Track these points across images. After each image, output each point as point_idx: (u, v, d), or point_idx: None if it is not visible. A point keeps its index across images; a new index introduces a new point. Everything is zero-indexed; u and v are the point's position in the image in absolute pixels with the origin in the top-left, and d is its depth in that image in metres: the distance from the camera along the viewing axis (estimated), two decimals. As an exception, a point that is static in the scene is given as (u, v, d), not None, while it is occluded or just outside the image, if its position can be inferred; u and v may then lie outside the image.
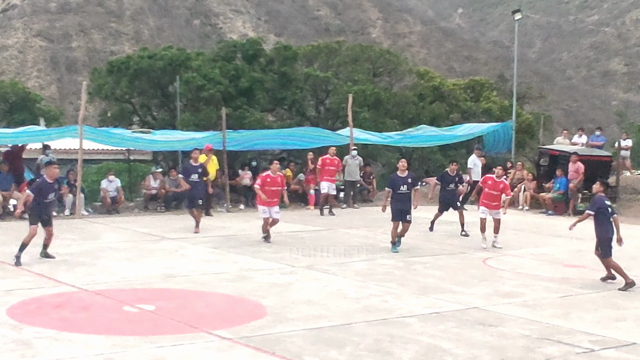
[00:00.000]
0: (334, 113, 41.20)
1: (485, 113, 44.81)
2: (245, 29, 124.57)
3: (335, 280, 16.16)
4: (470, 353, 11.18)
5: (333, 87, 41.44)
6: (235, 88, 37.54)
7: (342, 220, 26.56)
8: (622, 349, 11.65)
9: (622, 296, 15.38)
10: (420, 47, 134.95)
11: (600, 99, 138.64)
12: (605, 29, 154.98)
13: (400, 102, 43.05)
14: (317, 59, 44.79)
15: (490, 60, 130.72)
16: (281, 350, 11.06)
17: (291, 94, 39.40)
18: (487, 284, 16.04)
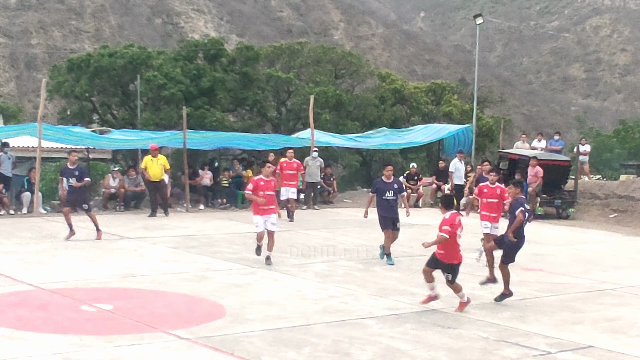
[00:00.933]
0: (295, 114, 41.20)
1: (446, 116, 45.02)
2: (207, 28, 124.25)
3: (294, 281, 16.16)
4: (428, 354, 11.24)
5: (295, 88, 41.48)
6: (196, 88, 37.43)
7: (302, 221, 26.56)
8: (578, 351, 11.77)
9: (579, 300, 15.52)
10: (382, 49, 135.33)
11: (560, 104, 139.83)
12: (566, 35, 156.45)
13: (362, 104, 43.14)
14: (279, 60, 44.78)
15: (451, 64, 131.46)
16: (240, 350, 11.04)
17: (253, 94, 39.34)
18: (444, 286, 16.08)
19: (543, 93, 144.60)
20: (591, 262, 19.78)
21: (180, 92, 36.41)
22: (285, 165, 27.04)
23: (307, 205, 30.69)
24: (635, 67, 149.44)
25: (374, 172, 44.02)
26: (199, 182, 30.36)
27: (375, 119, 42.27)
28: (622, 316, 14.24)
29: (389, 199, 18.66)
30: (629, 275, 18.32)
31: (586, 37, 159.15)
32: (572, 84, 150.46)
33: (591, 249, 22.35)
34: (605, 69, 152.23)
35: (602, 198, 31.27)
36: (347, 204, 32.82)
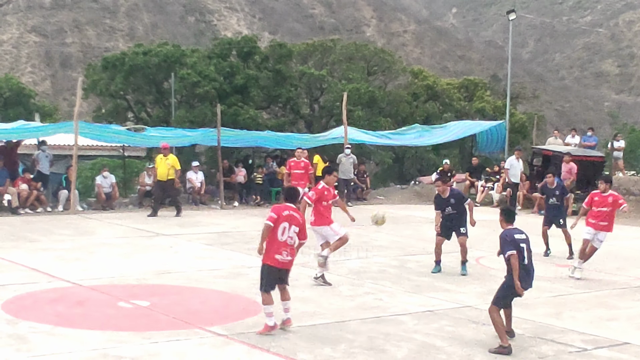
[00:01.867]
0: (328, 111, 41.25)
1: (479, 112, 44.90)
2: (239, 26, 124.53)
3: (329, 277, 16.15)
4: (463, 351, 11.23)
5: (327, 85, 41.50)
6: (229, 85, 37.57)
7: (336, 218, 26.52)
8: (614, 348, 11.70)
9: (614, 296, 15.43)
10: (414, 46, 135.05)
11: (593, 100, 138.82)
12: (599, 30, 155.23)
13: (394, 100, 43.11)
14: (311, 57, 44.84)
15: (483, 60, 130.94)
16: (275, 347, 11.08)
17: (285, 91, 39.43)
18: (480, 282, 16.07)
19: (576, 89, 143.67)
20: (626, 259, 19.63)
21: (213, 90, 36.56)
22: (293, 165, 26.67)
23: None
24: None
25: (406, 168, 44.01)
26: (234, 180, 30.44)
27: (407, 116, 42.24)
28: (658, 313, 14.16)
29: (449, 214, 17.20)
30: (664, 272, 18.20)
31: (619, 32, 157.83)
32: (605, 80, 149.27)
33: (626, 246, 22.17)
34: (638, 64, 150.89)
35: (637, 194, 31.01)
36: (380, 201, 32.79)
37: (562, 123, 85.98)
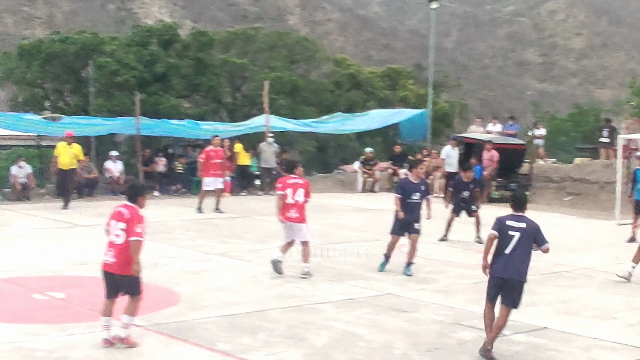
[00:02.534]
0: (250, 100, 41.12)
1: (402, 101, 45.21)
2: (161, 14, 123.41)
3: (250, 267, 16.16)
4: (384, 338, 11.30)
5: (250, 74, 41.37)
6: (150, 74, 37.19)
7: (258, 207, 26.53)
8: (533, 333, 11.90)
9: (534, 282, 15.58)
10: (338, 35, 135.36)
11: (516, 89, 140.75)
12: (521, 19, 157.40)
13: (317, 89, 43.20)
14: (233, 46, 44.63)
15: (407, 49, 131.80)
16: (194, 337, 11.04)
17: (207, 80, 39.18)
18: (398, 270, 16.17)
19: (499, 77, 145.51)
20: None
21: (133, 78, 36.17)
22: (213, 154, 24.75)
23: (264, 191, 30.66)
24: (590, 51, 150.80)
25: (330, 157, 44.12)
26: (154, 169, 30.21)
27: (331, 104, 42.33)
28: (576, 298, 14.41)
29: (415, 202, 16.10)
30: (583, 258, 18.53)
31: (542, 21, 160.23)
32: (527, 69, 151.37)
33: (546, 232, 22.40)
34: (560, 54, 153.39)
35: (557, 181, 31.54)
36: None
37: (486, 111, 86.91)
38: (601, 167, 31.42)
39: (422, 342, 11.22)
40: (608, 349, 11.20)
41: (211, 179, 24.43)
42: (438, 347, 11.02)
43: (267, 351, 10.57)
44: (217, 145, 25.06)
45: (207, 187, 24.49)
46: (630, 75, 63.39)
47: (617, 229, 23.99)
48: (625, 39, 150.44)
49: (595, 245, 20.76)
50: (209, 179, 24.40)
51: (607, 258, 18.71)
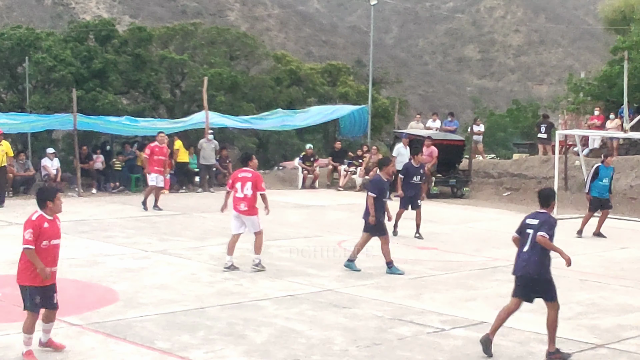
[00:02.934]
0: (189, 96, 40.87)
1: (342, 97, 45.27)
2: (99, 9, 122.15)
3: (189, 264, 16.10)
4: (323, 335, 11.33)
5: (189, 70, 41.09)
6: (87, 70, 36.75)
7: (198, 204, 26.44)
8: (471, 327, 12.00)
9: (472, 277, 15.82)
10: (279, 31, 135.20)
11: (456, 85, 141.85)
12: (460, 16, 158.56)
13: (257, 85, 43.05)
14: (172, 41, 44.30)
15: (348, 45, 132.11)
16: (132, 335, 10.97)
17: (146, 76, 38.84)
18: (341, 266, 16.22)
19: (439, 74, 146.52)
20: (485, 240, 20.15)
21: (70, 75, 35.70)
22: (157, 150, 24.62)
23: (203, 188, 30.54)
24: (528, 47, 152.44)
25: (270, 153, 44.07)
26: (91, 166, 29.93)
27: (271, 101, 42.24)
28: (514, 292, 14.55)
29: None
30: (521, 252, 18.73)
31: (480, 18, 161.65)
32: (467, 65, 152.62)
33: (485, 227, 22.78)
34: (499, 50, 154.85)
35: (496, 177, 31.88)
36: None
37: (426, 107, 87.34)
38: (539, 162, 31.82)
39: (362, 338, 11.26)
40: (545, 342, 11.31)
41: (155, 175, 24.40)
42: (377, 343, 11.07)
43: (206, 349, 10.54)
44: (161, 142, 25.01)
45: (152, 182, 24.45)
46: (568, 71, 64.20)
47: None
48: (562, 35, 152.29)
49: (533, 239, 20.98)
50: (154, 174, 24.39)
51: (545, 252, 18.93)
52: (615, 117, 31.12)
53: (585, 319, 12.77)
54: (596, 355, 10.87)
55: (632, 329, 12.20)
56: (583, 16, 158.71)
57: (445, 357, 10.56)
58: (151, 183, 24.62)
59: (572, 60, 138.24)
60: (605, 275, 16.28)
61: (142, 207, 24.07)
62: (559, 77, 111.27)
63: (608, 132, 30.51)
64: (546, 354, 10.71)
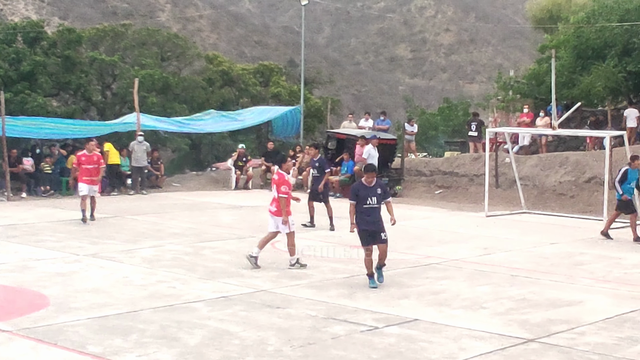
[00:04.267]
0: (121, 98, 40.53)
1: (275, 98, 45.26)
2: (27, 11, 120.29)
3: (121, 267, 15.95)
4: (257, 335, 11.30)
5: (120, 72, 40.72)
6: (15, 72, 36.24)
7: (130, 206, 26.22)
8: (404, 325, 12.06)
9: (405, 275, 15.90)
10: (210, 31, 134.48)
11: (388, 84, 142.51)
12: (391, 16, 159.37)
13: (189, 86, 42.85)
14: (102, 43, 43.88)
15: (280, 46, 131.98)
16: (64, 340, 10.82)
17: (76, 78, 38.41)
18: (275, 266, 16.22)
19: (371, 73, 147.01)
20: (417, 238, 20.27)
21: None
22: (84, 160, 22.87)
23: (135, 190, 30.30)
24: (459, 46, 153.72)
25: (203, 155, 43.86)
26: (21, 170, 29.48)
27: (203, 102, 42.07)
28: (446, 289, 14.66)
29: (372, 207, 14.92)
30: (453, 250, 18.89)
31: (411, 17, 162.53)
32: (399, 64, 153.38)
33: (417, 225, 22.91)
34: (430, 49, 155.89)
35: (428, 175, 32.09)
36: (176, 188, 32.56)
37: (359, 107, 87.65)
38: (470, 160, 32.11)
39: (296, 338, 11.25)
40: (477, 339, 11.44)
41: (84, 185, 22.37)
42: (311, 342, 11.07)
43: (139, 352, 10.44)
44: (90, 151, 22.94)
45: (81, 192, 22.50)
46: (497, 69, 64.88)
47: (486, 221, 24.57)
48: (492, 34, 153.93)
49: (464, 237, 21.18)
50: (82, 184, 22.46)
51: (476, 249, 19.13)
52: (544, 115, 31.53)
53: (516, 314, 12.90)
54: (527, 349, 10.99)
55: (562, 323, 12.36)
56: (512, 15, 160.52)
57: (379, 355, 10.59)
58: (81, 193, 22.62)
59: (502, 58, 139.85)
60: (535, 271, 16.47)
61: (82, 221, 22.29)
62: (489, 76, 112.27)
63: (537, 130, 30.91)
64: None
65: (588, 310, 13.22)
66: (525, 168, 29.38)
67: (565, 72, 31.27)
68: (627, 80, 29.71)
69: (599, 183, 26.34)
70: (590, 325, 12.26)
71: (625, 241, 20.77)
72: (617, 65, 29.56)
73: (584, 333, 11.85)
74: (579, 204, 27.14)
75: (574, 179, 28.19)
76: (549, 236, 21.46)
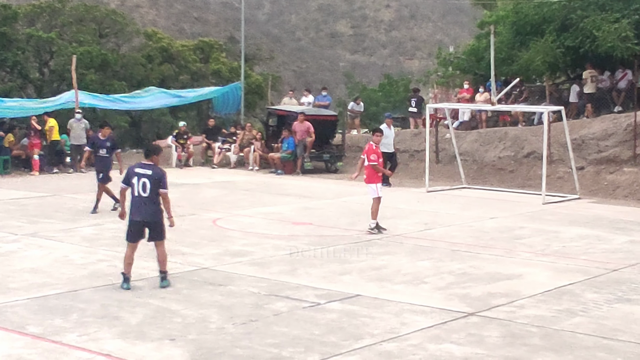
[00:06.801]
0: (59, 75, 39.90)
1: (215, 74, 44.97)
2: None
3: (61, 246, 15.80)
4: (199, 313, 11.29)
5: (57, 48, 40.09)
6: (-51, 49, 35.59)
7: (69, 185, 25.94)
8: (346, 300, 12.12)
9: (347, 251, 15.94)
10: (149, 7, 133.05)
11: (329, 60, 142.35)
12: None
13: (128, 63, 42.36)
14: (39, 19, 43.10)
15: (220, 22, 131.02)
16: (3, 321, 10.72)
17: (12, 55, 37.76)
18: (216, 244, 16.21)
19: (312, 49, 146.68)
20: (358, 214, 20.31)
21: None
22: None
23: (74, 168, 29.98)
24: (399, 23, 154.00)
25: (143, 132, 43.49)
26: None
27: (143, 79, 41.62)
28: (387, 265, 14.75)
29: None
30: (394, 225, 18.95)
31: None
32: (339, 40, 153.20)
33: (358, 202, 22.91)
34: (371, 25, 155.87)
35: (369, 151, 32.14)
36: (115, 166, 32.17)
37: (300, 83, 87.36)
38: (410, 136, 32.25)
39: (238, 315, 11.25)
40: (418, 313, 11.53)
41: None
42: (254, 320, 11.08)
43: (79, 332, 10.37)
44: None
45: None
46: (437, 45, 65.16)
47: (426, 196, 24.73)
48: (432, 10, 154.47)
49: (405, 212, 21.29)
50: None
51: (417, 225, 19.27)
52: (484, 91, 31.75)
53: (456, 288, 13.03)
54: (467, 323, 11.11)
55: (502, 296, 12.51)
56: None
57: (322, 331, 10.63)
58: None
59: (442, 35, 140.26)
60: (475, 245, 16.64)
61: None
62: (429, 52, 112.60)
63: (476, 105, 31.12)
64: None
65: (527, 284, 13.40)
66: (465, 143, 29.60)
67: (504, 48, 31.45)
68: (565, 55, 29.96)
69: (537, 158, 26.62)
70: (530, 298, 12.44)
71: (563, 215, 21.06)
72: (556, 40, 29.79)
73: (524, 306, 12.01)
74: (517, 178, 27.44)
75: (513, 154, 28.48)
76: (489, 211, 21.68)
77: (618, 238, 17.79)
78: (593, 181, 25.70)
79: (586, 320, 11.35)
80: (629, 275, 14.15)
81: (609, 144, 26.47)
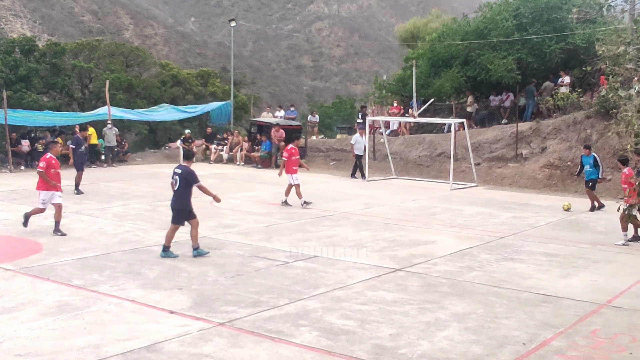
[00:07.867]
0: (96, 95, 39.38)
1: (212, 95, 44.68)
2: (23, 29, 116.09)
3: (97, 221, 15.65)
4: (200, 270, 11.27)
5: (95, 75, 39.60)
6: (15, 75, 34.97)
7: (104, 176, 25.68)
8: (308, 260, 12.15)
9: (309, 224, 15.95)
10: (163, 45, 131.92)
11: (295, 85, 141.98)
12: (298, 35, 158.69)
13: (148, 86, 41.94)
14: (81, 53, 42.52)
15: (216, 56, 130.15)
16: (54, 276, 10.63)
17: (61, 80, 37.24)
18: (212, 219, 16.13)
19: (283, 77, 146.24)
20: (317, 197, 20.32)
21: (1, 79, 33.92)
22: (55, 163, 17.20)
23: (107, 164, 29.67)
24: (347, 57, 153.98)
25: (159, 137, 43.12)
26: (20, 149, 28.59)
27: (158, 98, 41.20)
28: (338, 234, 14.78)
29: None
30: (343, 205, 19.01)
31: (312, 36, 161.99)
32: (303, 70, 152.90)
33: (317, 188, 22.96)
34: (326, 59, 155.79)
35: (324, 151, 32.14)
36: (138, 162, 31.98)
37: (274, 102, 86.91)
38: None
39: (228, 271, 11.24)
40: (360, 269, 11.57)
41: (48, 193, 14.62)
42: (240, 274, 11.07)
43: (111, 284, 10.32)
44: (56, 154, 15.43)
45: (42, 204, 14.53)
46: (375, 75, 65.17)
47: (366, 184, 24.77)
48: (371, 49, 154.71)
49: (351, 196, 21.33)
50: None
51: (359, 205, 19.30)
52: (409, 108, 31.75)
53: (388, 250, 13.09)
54: (396, 276, 11.17)
55: (421, 257, 12.59)
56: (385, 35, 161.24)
57: (290, 282, 10.65)
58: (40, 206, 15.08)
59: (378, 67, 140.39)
60: (402, 220, 16.71)
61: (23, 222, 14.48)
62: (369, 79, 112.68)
63: (402, 118, 31.16)
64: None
65: (439, 248, 13.49)
66: (394, 146, 29.68)
67: (423, 77, 31.50)
68: (467, 82, 30.11)
69: (446, 156, 26.77)
70: (441, 258, 12.53)
71: (465, 198, 21.19)
72: (460, 71, 29.92)
73: (436, 263, 12.10)
74: (432, 171, 27.57)
75: (429, 153, 28.59)
76: (412, 195, 21.77)
77: (504, 214, 17.96)
78: (486, 173, 25.88)
79: (481, 273, 11.46)
80: (512, 242, 14.30)
81: (498, 147, 26.66)
